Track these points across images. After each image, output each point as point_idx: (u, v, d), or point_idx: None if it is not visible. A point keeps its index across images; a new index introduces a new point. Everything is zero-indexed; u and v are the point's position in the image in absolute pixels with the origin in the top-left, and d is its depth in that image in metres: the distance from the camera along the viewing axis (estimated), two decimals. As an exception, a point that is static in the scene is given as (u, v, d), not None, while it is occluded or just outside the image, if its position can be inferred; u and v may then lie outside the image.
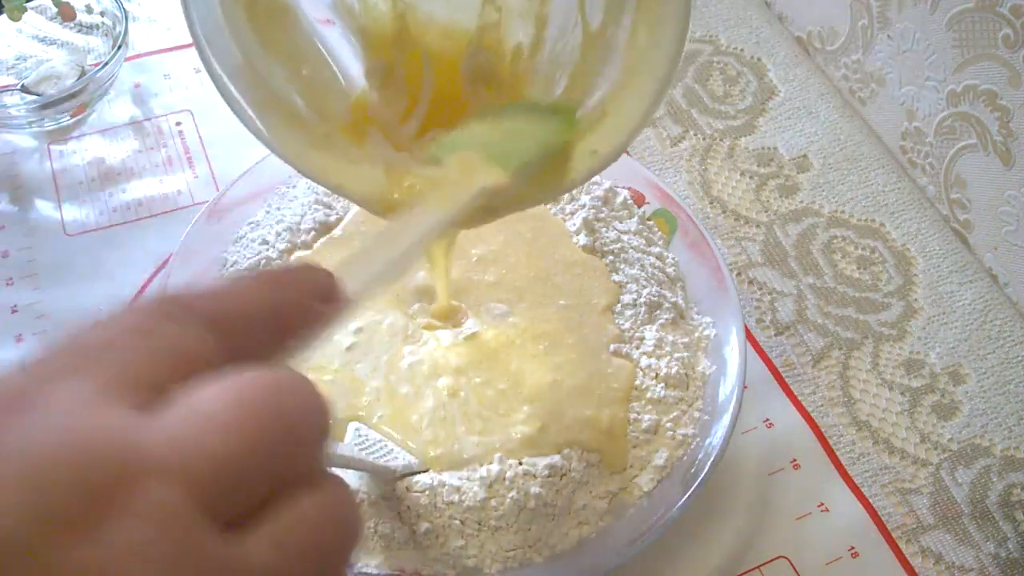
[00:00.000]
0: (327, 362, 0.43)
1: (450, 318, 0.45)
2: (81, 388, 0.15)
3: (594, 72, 0.34)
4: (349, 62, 0.36)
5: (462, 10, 0.36)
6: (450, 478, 0.40)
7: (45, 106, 0.55)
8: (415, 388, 0.42)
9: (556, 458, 0.40)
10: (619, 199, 0.51)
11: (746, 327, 0.48)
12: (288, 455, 0.17)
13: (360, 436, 0.40)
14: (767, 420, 0.47)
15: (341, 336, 0.44)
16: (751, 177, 0.58)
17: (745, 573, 0.42)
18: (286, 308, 0.20)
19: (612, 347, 0.44)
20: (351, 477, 0.39)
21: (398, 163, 0.33)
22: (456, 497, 0.39)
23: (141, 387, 0.16)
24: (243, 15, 0.32)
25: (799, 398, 0.48)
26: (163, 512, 0.14)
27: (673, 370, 0.44)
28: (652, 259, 0.49)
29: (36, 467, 0.14)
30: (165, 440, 0.15)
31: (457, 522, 0.39)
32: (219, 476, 0.15)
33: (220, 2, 0.31)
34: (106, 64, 0.56)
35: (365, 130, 0.35)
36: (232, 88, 0.31)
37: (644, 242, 0.50)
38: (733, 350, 0.45)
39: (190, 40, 0.31)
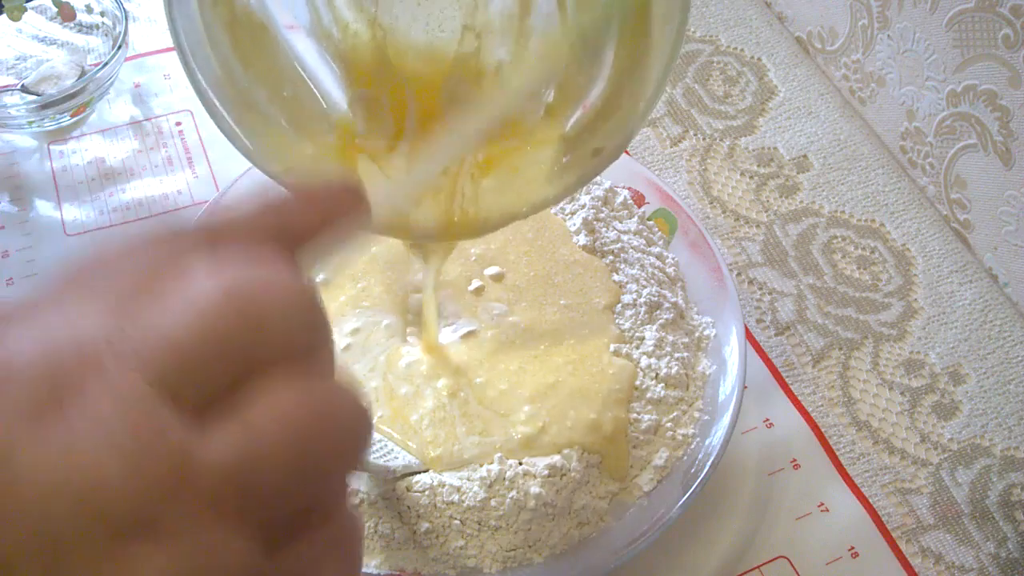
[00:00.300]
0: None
1: (435, 354, 0.44)
2: (75, 307, 0.16)
3: (583, 79, 0.34)
4: (330, 86, 0.35)
5: (441, 32, 0.35)
6: (450, 478, 0.40)
7: (45, 106, 0.55)
8: (414, 388, 0.42)
9: (556, 458, 0.40)
10: (619, 199, 0.51)
11: (746, 327, 0.48)
12: (257, 343, 0.16)
13: (360, 436, 0.40)
14: (767, 420, 0.47)
15: (337, 337, 0.44)
16: (751, 177, 0.58)
17: (745, 573, 0.42)
18: (295, 219, 0.19)
19: (612, 347, 0.44)
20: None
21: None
22: (456, 497, 0.39)
23: (126, 296, 0.16)
24: (225, 37, 0.32)
25: (799, 398, 0.48)
26: (119, 392, 0.15)
27: (673, 370, 0.44)
28: (652, 259, 0.49)
29: (5, 365, 0.15)
30: (132, 330, 0.16)
31: (457, 522, 0.39)
32: (179, 361, 0.15)
33: (202, 22, 0.31)
34: (106, 64, 0.56)
35: (354, 156, 0.34)
36: (217, 103, 0.31)
37: (644, 242, 0.50)
38: (733, 350, 0.45)
39: None
